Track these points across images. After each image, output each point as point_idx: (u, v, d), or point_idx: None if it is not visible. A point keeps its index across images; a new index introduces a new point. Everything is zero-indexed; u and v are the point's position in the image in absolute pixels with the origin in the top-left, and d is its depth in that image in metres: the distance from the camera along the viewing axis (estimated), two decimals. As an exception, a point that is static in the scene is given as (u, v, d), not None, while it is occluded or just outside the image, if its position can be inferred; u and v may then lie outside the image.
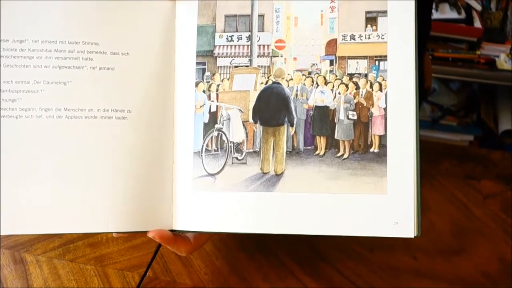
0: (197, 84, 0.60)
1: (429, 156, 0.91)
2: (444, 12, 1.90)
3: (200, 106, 0.60)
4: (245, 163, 0.59)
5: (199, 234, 0.61)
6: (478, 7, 1.95)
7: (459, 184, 0.84)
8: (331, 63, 0.59)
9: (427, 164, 0.89)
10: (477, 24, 1.89)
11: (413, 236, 0.55)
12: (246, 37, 0.61)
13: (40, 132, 0.56)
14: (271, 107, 0.59)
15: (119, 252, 0.69)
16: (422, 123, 2.10)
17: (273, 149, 0.59)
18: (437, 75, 1.93)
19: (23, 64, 0.57)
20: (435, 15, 1.89)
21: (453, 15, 1.89)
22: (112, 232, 0.58)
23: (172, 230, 0.59)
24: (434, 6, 1.90)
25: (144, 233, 0.57)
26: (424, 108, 2.16)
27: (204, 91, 0.60)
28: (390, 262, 0.69)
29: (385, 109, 0.56)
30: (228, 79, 0.60)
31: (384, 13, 0.57)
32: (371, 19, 0.58)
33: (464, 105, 2.16)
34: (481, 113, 2.11)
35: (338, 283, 0.66)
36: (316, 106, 0.59)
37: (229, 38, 0.61)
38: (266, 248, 0.70)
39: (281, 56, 0.60)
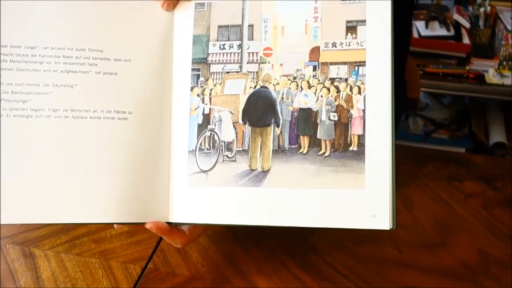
0: (192, 89, 0.63)
1: (415, 159, 0.93)
2: (434, 30, 1.93)
3: (195, 109, 0.63)
4: (235, 161, 0.61)
5: (193, 227, 0.63)
6: (467, 24, 1.98)
7: (442, 184, 0.86)
8: (314, 68, 0.61)
9: (413, 167, 0.91)
10: (466, 40, 1.93)
11: (388, 228, 0.56)
12: (237, 45, 0.63)
13: (48, 130, 0.59)
14: (259, 109, 0.62)
15: (122, 247, 0.72)
16: (415, 137, 2.12)
17: (261, 148, 0.61)
18: (429, 90, 1.95)
19: (34, 68, 0.59)
20: (426, 32, 1.92)
21: (443, 32, 1.92)
22: (112, 223, 0.61)
23: (168, 223, 0.61)
24: (424, 23, 1.93)
25: (142, 224, 0.59)
26: (416, 122, 2.18)
27: (198, 95, 0.63)
28: (376, 255, 0.71)
29: (363, 110, 0.58)
30: (220, 84, 0.63)
31: (363, 22, 0.60)
32: (351, 28, 0.60)
33: (455, 119, 2.18)
34: (472, 126, 2.13)
35: (327, 273, 0.68)
36: (300, 108, 0.61)
37: (222, 47, 0.64)
38: (260, 242, 0.72)
39: (269, 63, 0.62)
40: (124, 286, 0.66)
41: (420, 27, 1.95)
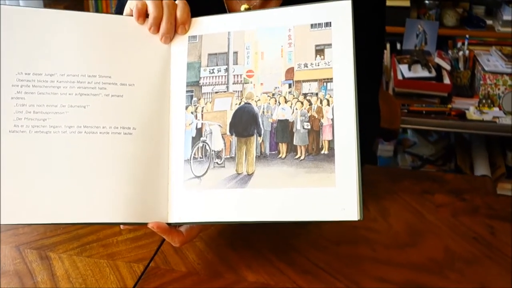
0: (186, 107, 0.71)
1: (392, 178, 1.00)
2: (417, 72, 2.04)
3: (189, 124, 0.71)
4: (224, 167, 0.68)
5: (190, 228, 0.70)
6: (447, 67, 2.09)
7: (416, 197, 0.91)
8: (290, 86, 0.69)
9: (390, 183, 0.97)
10: (447, 80, 2.03)
11: (357, 219, 0.62)
12: (224, 69, 0.72)
13: (64, 143, 0.66)
14: (244, 122, 0.69)
15: (127, 250, 0.78)
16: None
17: (245, 155, 0.68)
18: (414, 126, 2.04)
19: (52, 92, 0.68)
20: (409, 74, 2.03)
21: (425, 74, 2.03)
22: (119, 223, 0.68)
23: (168, 224, 0.67)
24: (407, 66, 2.04)
25: (145, 224, 0.66)
26: (405, 158, 2.26)
27: (192, 113, 0.71)
28: (353, 253, 0.77)
29: (332, 119, 0.65)
30: (210, 102, 0.71)
31: (329, 45, 0.68)
32: (319, 51, 0.68)
33: (442, 154, 2.26)
34: (457, 161, 2.20)
35: (308, 268, 0.74)
36: (278, 120, 0.68)
37: (211, 71, 0.72)
38: (249, 244, 0.78)
39: (251, 83, 0.70)
40: (129, 280, 0.72)
41: (403, 70, 2.06)
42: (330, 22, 0.68)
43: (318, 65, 0.69)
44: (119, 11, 0.85)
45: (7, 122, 0.66)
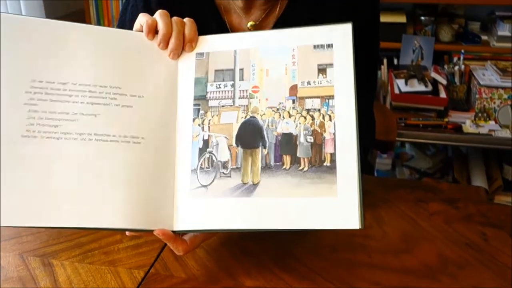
0: (194, 120, 0.74)
1: (387, 187, 1.03)
2: (413, 86, 2.08)
3: (196, 136, 0.74)
4: (230, 176, 0.71)
5: (194, 237, 0.72)
6: (444, 81, 2.14)
7: (410, 205, 0.94)
8: (293, 101, 0.73)
9: (385, 193, 1.00)
10: (443, 94, 2.07)
11: (358, 228, 0.65)
12: (230, 85, 0.75)
13: (75, 150, 0.69)
14: (249, 135, 0.73)
15: (128, 257, 0.81)
16: (401, 184, 2.22)
17: (251, 165, 0.71)
18: (411, 139, 2.08)
19: (65, 100, 0.70)
20: (405, 88, 2.07)
21: (421, 88, 2.07)
22: (125, 230, 0.71)
23: (173, 232, 0.70)
24: (404, 81, 2.08)
25: (151, 232, 0.69)
26: (403, 172, 2.30)
27: (199, 125, 0.74)
28: (350, 259, 0.80)
29: (334, 134, 0.69)
30: (217, 115, 0.74)
31: (331, 65, 0.72)
32: (321, 70, 0.72)
33: (439, 168, 2.30)
34: (455, 174, 2.24)
35: (306, 274, 0.77)
36: (283, 133, 0.72)
37: (218, 86, 0.76)
38: (248, 252, 0.81)
39: (256, 98, 0.74)
40: (130, 286, 0.75)
41: (400, 84, 2.11)
42: (332, 44, 0.72)
43: (321, 83, 0.73)
44: (120, 28, 0.90)
45: (19, 127, 0.69)
